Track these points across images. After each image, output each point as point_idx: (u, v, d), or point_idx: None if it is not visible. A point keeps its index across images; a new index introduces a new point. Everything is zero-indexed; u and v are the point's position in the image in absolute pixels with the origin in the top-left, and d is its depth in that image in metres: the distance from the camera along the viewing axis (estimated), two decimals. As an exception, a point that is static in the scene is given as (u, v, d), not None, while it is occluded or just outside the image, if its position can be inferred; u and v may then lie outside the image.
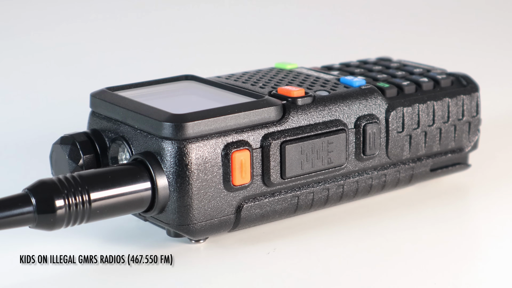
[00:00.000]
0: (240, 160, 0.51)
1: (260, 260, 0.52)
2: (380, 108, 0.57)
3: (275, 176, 0.53)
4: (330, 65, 0.65)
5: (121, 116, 0.53)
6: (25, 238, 0.54)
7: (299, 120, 0.54)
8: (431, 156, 0.61)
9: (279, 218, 0.56)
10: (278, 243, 0.54)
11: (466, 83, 0.62)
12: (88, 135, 0.55)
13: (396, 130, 0.58)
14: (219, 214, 0.52)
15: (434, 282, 0.49)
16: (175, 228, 0.51)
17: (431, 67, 0.65)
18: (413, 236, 0.55)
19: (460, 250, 0.54)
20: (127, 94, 0.56)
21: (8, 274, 0.51)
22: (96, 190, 0.49)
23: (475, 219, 0.60)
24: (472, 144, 0.62)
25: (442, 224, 0.57)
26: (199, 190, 0.51)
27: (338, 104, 0.56)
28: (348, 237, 0.55)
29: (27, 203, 0.47)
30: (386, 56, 0.68)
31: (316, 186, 0.55)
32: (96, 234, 0.55)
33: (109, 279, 0.50)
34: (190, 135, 0.50)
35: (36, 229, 0.48)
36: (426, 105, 0.60)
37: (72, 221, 0.48)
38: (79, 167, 0.54)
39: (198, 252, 0.53)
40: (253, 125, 0.52)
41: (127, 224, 0.56)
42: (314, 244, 0.54)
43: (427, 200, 0.61)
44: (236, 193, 0.52)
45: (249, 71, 0.62)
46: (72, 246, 0.53)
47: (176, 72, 0.64)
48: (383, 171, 0.58)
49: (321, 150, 0.54)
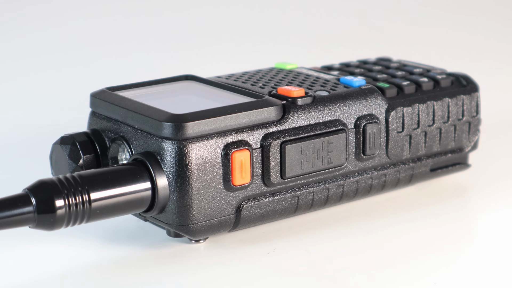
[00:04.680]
0: (240, 160, 0.51)
1: (260, 260, 0.52)
2: (380, 108, 0.57)
3: (275, 176, 0.53)
4: (330, 65, 0.65)
5: (121, 116, 0.53)
6: (25, 238, 0.54)
7: (299, 120, 0.54)
8: (431, 156, 0.61)
9: (279, 218, 0.56)
10: (278, 243, 0.54)
11: (466, 83, 0.62)
12: (88, 135, 0.55)
13: (396, 130, 0.58)
14: (219, 214, 0.52)
15: (434, 282, 0.49)
16: (175, 228, 0.51)
17: (431, 67, 0.65)
18: (413, 236, 0.55)
19: (460, 250, 0.54)
20: (127, 94, 0.56)
21: (8, 274, 0.51)
22: (96, 190, 0.49)
23: (475, 219, 0.60)
24: (472, 144, 0.62)
25: (442, 224, 0.57)
26: (199, 190, 0.51)
27: (338, 104, 0.56)
28: (348, 237, 0.55)
29: (27, 203, 0.47)
30: (386, 56, 0.68)
31: (316, 186, 0.55)
32: (96, 234, 0.55)
33: (109, 279, 0.50)
34: (190, 135, 0.50)
35: (36, 229, 0.48)
36: (426, 105, 0.60)
37: (72, 221, 0.48)
38: (79, 167, 0.54)
39: (198, 252, 0.53)
40: (253, 125, 0.52)
41: (127, 224, 0.56)
42: (314, 244, 0.54)
43: (427, 200, 0.61)
44: (236, 193, 0.52)
45: (249, 71, 0.62)
46: (72, 246, 0.53)
47: (176, 72, 0.64)
48: (383, 171, 0.58)
49: (321, 150, 0.54)
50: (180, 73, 0.61)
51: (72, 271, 0.51)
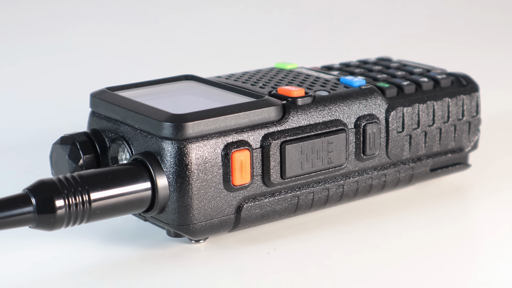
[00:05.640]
0: (240, 160, 0.51)
1: (260, 260, 0.52)
2: (380, 108, 0.57)
3: (275, 176, 0.53)
4: (330, 65, 0.65)
5: (121, 116, 0.53)
6: (25, 238, 0.54)
7: (299, 120, 0.54)
8: (431, 156, 0.61)
9: (279, 218, 0.56)
10: (278, 243, 0.54)
11: (466, 83, 0.62)
12: (88, 135, 0.55)
13: (396, 130, 0.58)
14: (219, 214, 0.52)
15: (434, 282, 0.49)
16: (175, 228, 0.51)
17: (431, 67, 0.65)
18: (413, 236, 0.55)
19: (460, 250, 0.54)
20: (127, 94, 0.56)
21: (9, 274, 0.51)
22: (96, 190, 0.49)
23: (475, 219, 0.60)
24: (472, 144, 0.62)
25: (442, 224, 0.57)
26: (199, 190, 0.51)
27: (338, 104, 0.56)
28: (348, 237, 0.55)
29: (27, 203, 0.47)
30: (386, 56, 0.68)
31: (316, 186, 0.55)
32: (96, 234, 0.55)
33: (110, 279, 0.50)
34: (190, 135, 0.50)
35: (36, 229, 0.48)
36: (426, 105, 0.60)
37: (72, 221, 0.48)
38: (79, 167, 0.54)
39: (198, 252, 0.53)
40: (253, 125, 0.52)
41: (127, 224, 0.56)
42: (314, 244, 0.54)
43: (427, 200, 0.61)
44: (236, 193, 0.52)
45: (249, 71, 0.62)
46: (72, 246, 0.53)
47: (176, 72, 0.64)
48: (383, 171, 0.58)
49: (321, 150, 0.54)
50: (180, 73, 0.61)
51: (72, 271, 0.51)
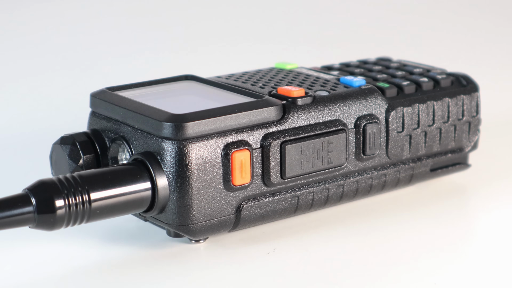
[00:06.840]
0: (240, 160, 0.51)
1: (260, 260, 0.52)
2: (380, 108, 0.57)
3: (275, 176, 0.53)
4: (330, 65, 0.65)
5: (121, 116, 0.53)
6: (25, 238, 0.54)
7: (299, 120, 0.54)
8: (431, 156, 0.61)
9: (279, 218, 0.56)
10: (278, 243, 0.54)
11: (466, 83, 0.62)
12: (88, 135, 0.55)
13: (396, 130, 0.58)
14: (219, 214, 0.52)
15: (434, 282, 0.49)
16: (175, 228, 0.51)
17: (431, 67, 0.65)
18: (413, 236, 0.55)
19: (460, 250, 0.54)
20: (127, 94, 0.56)
21: (8, 274, 0.51)
22: (96, 190, 0.49)
23: (475, 219, 0.60)
24: (472, 144, 0.62)
25: (442, 224, 0.57)
26: (199, 190, 0.51)
27: (338, 104, 0.56)
28: (348, 237, 0.55)
29: (27, 203, 0.47)
30: (386, 56, 0.68)
31: (316, 186, 0.55)
32: (96, 234, 0.55)
33: (109, 279, 0.50)
34: (190, 135, 0.50)
35: (36, 229, 0.48)
36: (426, 105, 0.60)
37: (72, 221, 0.48)
38: (79, 167, 0.54)
39: (198, 252, 0.53)
40: (253, 125, 0.52)
41: (127, 224, 0.56)
42: (314, 244, 0.54)
43: (427, 200, 0.61)
44: (236, 193, 0.52)
45: (249, 71, 0.62)
46: (72, 246, 0.53)
47: (176, 72, 0.64)
48: (383, 171, 0.58)
49: (321, 150, 0.54)
50: (180, 73, 0.61)
51: (72, 271, 0.51)
